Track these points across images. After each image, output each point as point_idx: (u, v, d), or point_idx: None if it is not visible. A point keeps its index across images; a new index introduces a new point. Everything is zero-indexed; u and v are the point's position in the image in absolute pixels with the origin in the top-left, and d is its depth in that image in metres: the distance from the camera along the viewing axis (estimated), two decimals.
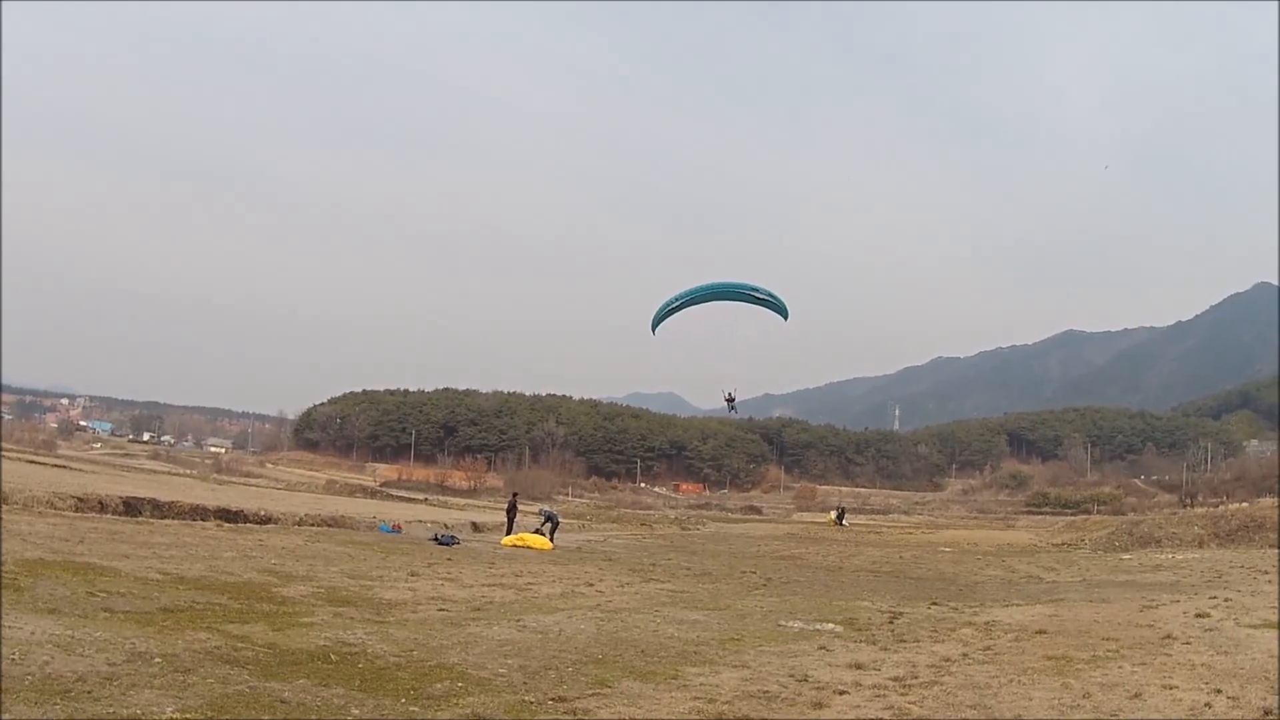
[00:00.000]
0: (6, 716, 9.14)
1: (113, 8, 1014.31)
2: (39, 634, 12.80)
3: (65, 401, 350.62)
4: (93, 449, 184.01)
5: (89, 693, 10.37)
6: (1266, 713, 12.51)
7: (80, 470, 67.04)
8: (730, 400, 36.17)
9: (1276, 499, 78.09)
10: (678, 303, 32.54)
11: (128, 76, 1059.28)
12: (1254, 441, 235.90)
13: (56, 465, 70.18)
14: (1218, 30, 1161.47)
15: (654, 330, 33.23)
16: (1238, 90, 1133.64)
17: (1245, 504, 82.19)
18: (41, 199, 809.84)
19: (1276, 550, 46.97)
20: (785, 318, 33.48)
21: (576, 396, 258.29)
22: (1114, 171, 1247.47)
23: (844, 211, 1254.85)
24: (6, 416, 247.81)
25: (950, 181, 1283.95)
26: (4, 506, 31.82)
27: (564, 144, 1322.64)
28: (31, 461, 69.60)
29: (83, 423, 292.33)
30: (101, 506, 37.02)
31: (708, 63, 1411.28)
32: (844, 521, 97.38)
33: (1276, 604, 24.52)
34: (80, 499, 36.88)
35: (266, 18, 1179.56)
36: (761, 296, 32.70)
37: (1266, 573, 35.97)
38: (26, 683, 10.41)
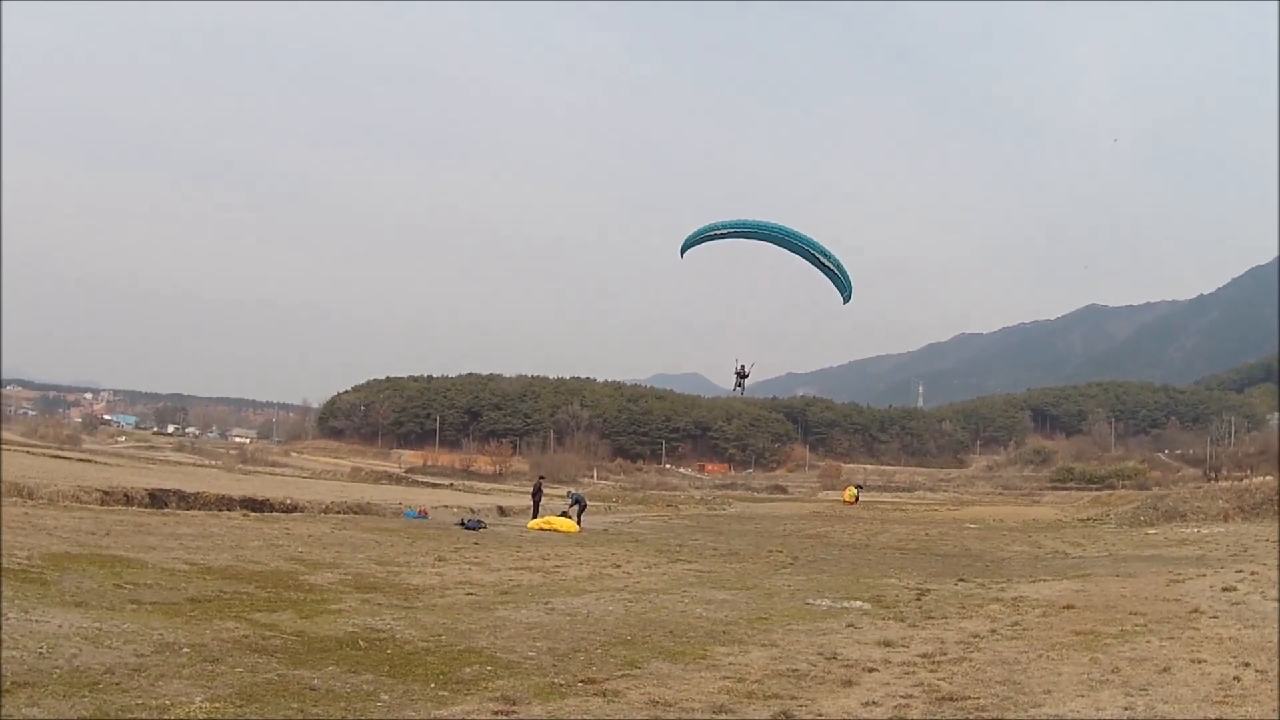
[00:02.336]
0: (36, 711, 9.15)
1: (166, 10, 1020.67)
2: (66, 627, 12.82)
3: (89, 396, 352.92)
4: (117, 442, 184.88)
5: (117, 684, 10.38)
6: None
7: (105, 464, 67.49)
8: (741, 374, 33.07)
9: None
10: (722, 230, 29.60)
11: (150, 79, 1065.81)
12: (1278, 414, 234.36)
13: (81, 459, 70.69)
14: (1234, 22, 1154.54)
15: (682, 253, 30.44)
16: (1254, 75, 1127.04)
17: (1270, 477, 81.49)
18: (64, 198, 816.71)
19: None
20: (846, 299, 30.94)
21: (600, 379, 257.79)
22: (1135, 154, 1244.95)
23: (865, 201, 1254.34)
24: (30, 412, 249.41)
25: (971, 173, 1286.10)
26: (30, 501, 32.01)
27: (583, 140, 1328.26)
28: (56, 456, 70.10)
29: (107, 416, 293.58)
30: (127, 499, 37.17)
31: (726, 61, 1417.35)
32: (859, 498, 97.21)
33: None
34: (106, 492, 37.03)
35: (305, 27, 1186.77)
36: (829, 265, 29.64)
37: None
38: (55, 676, 10.42)
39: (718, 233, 29.72)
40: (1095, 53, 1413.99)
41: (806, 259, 29.72)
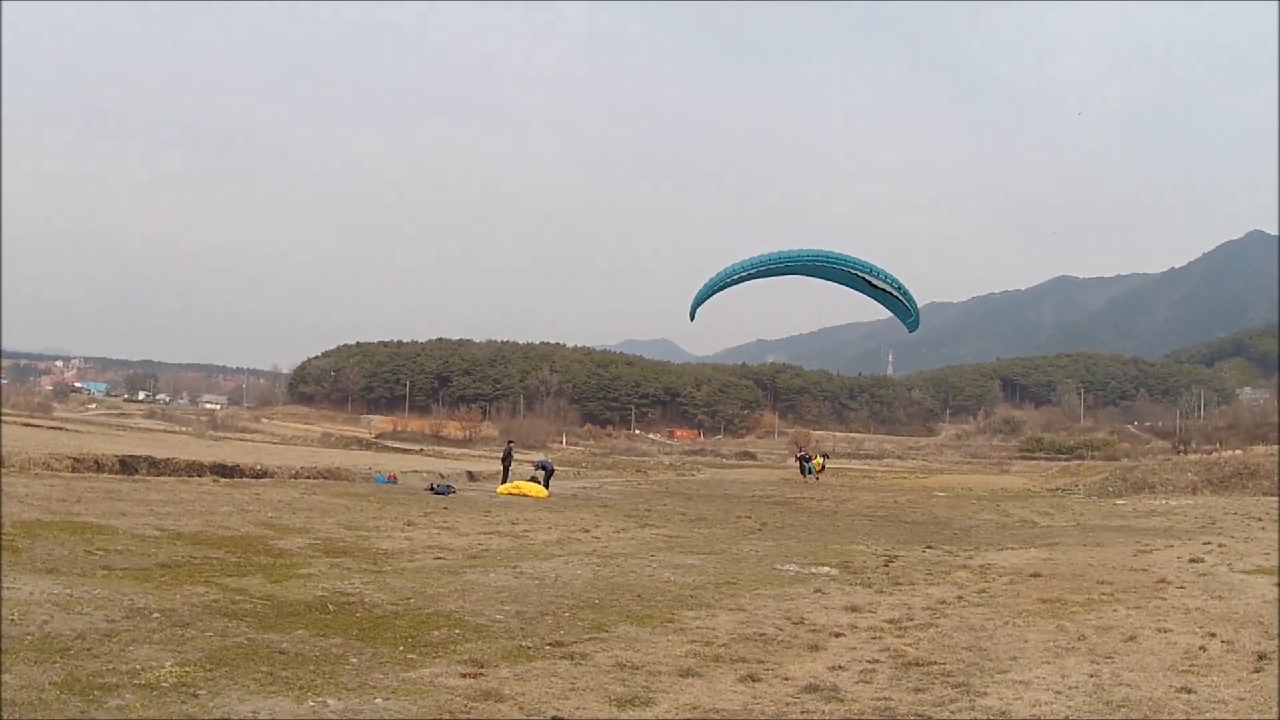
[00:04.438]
0: (6, 676, 9.14)
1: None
2: (38, 593, 12.79)
3: (60, 364, 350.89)
4: (88, 410, 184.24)
5: (88, 650, 10.37)
6: (1261, 657, 12.54)
7: (76, 431, 67.09)
8: (804, 458, 34.46)
9: (1276, 446, 78.19)
10: (742, 274, 26.07)
11: (118, 36, 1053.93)
12: (1247, 389, 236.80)
13: (52, 427, 70.21)
14: None
15: (693, 314, 27.26)
16: (1233, 50, 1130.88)
17: (1239, 451, 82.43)
18: (34, 163, 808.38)
19: (1273, 498, 47.16)
20: (912, 328, 28.32)
21: (570, 344, 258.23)
22: (1110, 125, 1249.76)
23: (835, 163, 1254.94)
24: (3, 381, 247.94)
25: (945, 139, 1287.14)
26: (2, 469, 31.86)
27: (556, 101, 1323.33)
28: (27, 424, 69.63)
29: (77, 384, 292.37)
30: (98, 466, 37.06)
31: (703, 21, 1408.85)
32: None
33: (1276, 550, 24.69)
34: (76, 459, 36.91)
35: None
36: (888, 289, 26.49)
37: (1260, 519, 36.19)
38: (26, 642, 10.40)
39: (737, 277, 26.47)
40: (1076, 21, 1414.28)
41: (857, 287, 26.77)
